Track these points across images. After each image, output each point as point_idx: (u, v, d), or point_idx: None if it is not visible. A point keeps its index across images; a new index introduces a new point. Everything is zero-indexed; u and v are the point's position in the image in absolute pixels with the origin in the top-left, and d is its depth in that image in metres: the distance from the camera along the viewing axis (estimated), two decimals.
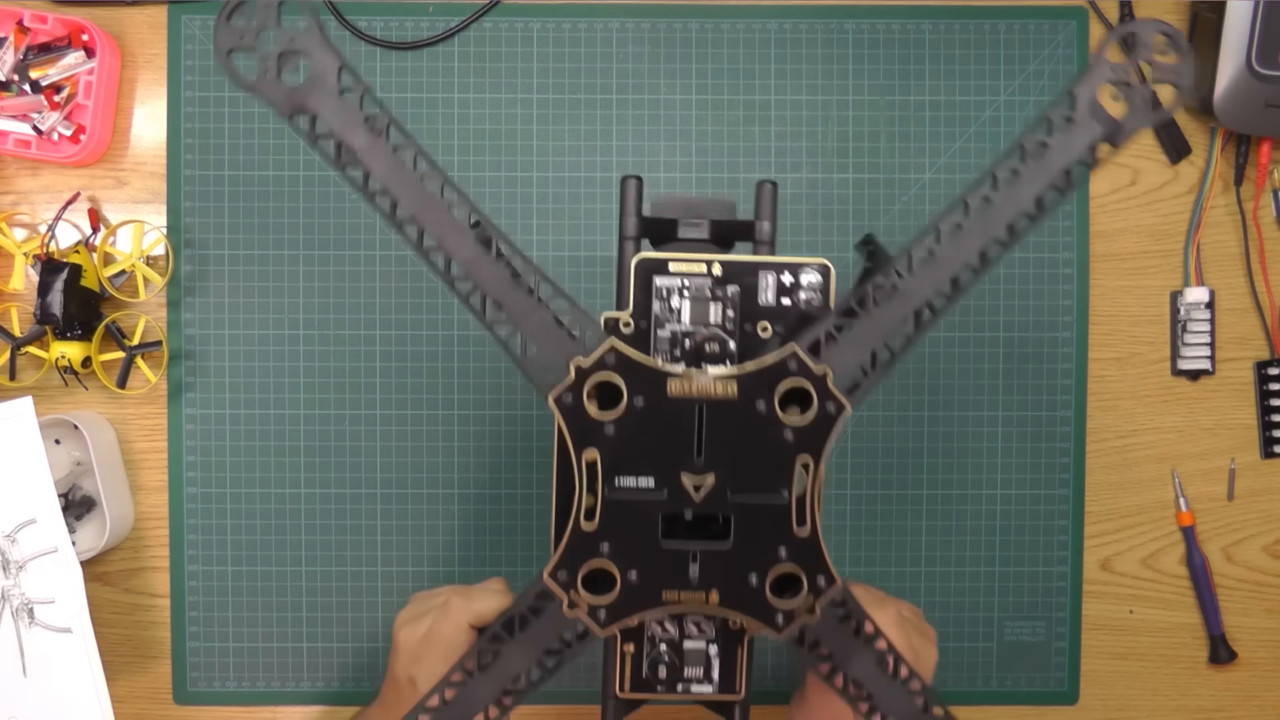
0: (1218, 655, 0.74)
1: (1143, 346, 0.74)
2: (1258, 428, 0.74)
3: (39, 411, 0.67)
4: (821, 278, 0.47)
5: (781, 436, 0.43)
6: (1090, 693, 0.74)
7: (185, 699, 0.73)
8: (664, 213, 0.50)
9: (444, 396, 0.72)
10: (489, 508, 0.73)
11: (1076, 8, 0.73)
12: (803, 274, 0.47)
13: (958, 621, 0.73)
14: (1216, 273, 0.73)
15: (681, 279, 0.47)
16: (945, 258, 0.44)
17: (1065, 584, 0.73)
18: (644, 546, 0.44)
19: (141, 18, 0.73)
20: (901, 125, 0.73)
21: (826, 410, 0.43)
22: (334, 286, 0.73)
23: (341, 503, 0.73)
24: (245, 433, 0.73)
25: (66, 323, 0.68)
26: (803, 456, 0.43)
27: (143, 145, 0.73)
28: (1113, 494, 0.74)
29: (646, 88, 0.73)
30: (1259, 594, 0.74)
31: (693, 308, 0.47)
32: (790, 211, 0.73)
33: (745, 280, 0.47)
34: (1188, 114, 0.73)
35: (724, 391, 0.43)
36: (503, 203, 0.72)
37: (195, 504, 0.73)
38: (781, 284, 0.47)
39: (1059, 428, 0.73)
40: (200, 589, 0.73)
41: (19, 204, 0.73)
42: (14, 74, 0.69)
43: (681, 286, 0.47)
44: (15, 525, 0.66)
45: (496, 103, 0.73)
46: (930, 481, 0.73)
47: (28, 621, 0.66)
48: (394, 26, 0.72)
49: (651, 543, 0.44)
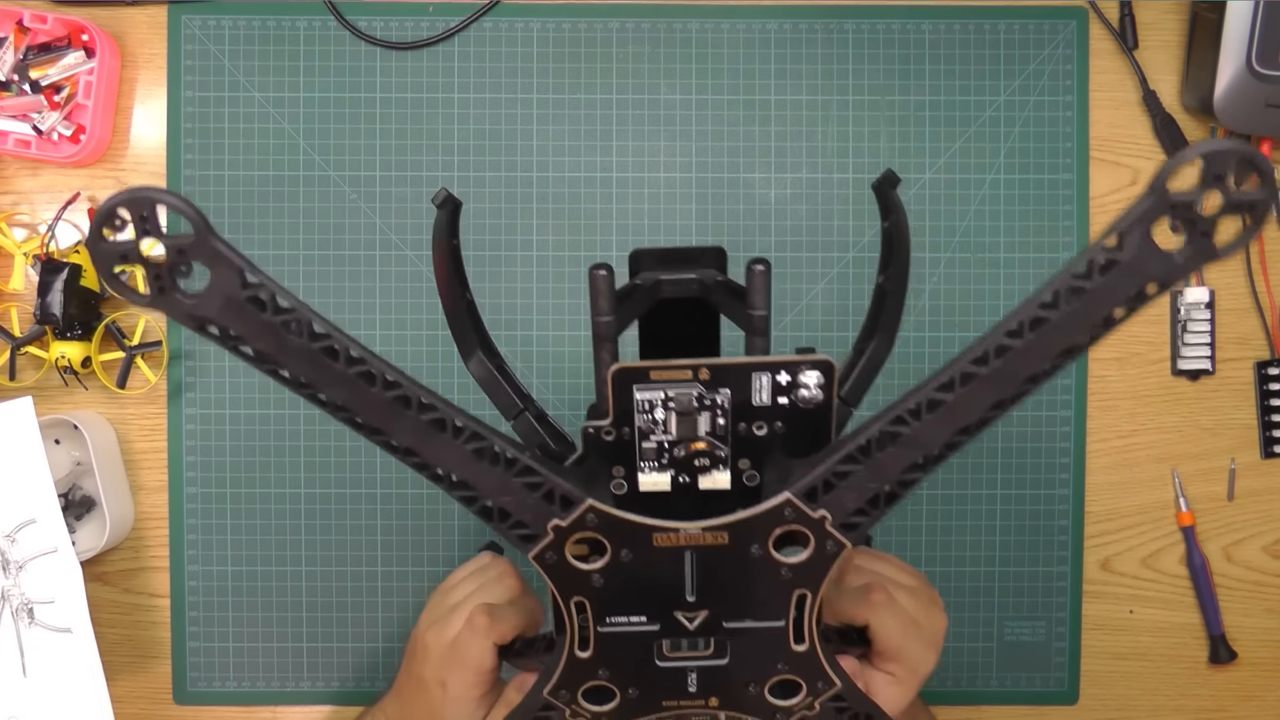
0: (1218, 655, 0.74)
1: (1143, 346, 0.74)
2: (1258, 428, 0.74)
3: (39, 411, 0.67)
4: (823, 376, 0.43)
5: (777, 574, 0.42)
6: (1090, 693, 0.74)
7: (185, 699, 0.73)
8: (645, 269, 0.47)
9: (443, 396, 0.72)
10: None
11: (1076, 8, 0.73)
12: (801, 374, 0.43)
13: (958, 621, 0.73)
14: (1216, 273, 0.73)
15: (664, 389, 0.43)
16: (958, 408, 0.40)
17: (1065, 584, 0.73)
18: (642, 667, 0.44)
19: (141, 18, 0.73)
20: (901, 125, 0.73)
21: (824, 549, 0.41)
22: (334, 286, 0.73)
23: (341, 503, 0.73)
24: (245, 433, 0.73)
25: (66, 323, 0.68)
26: (799, 590, 0.42)
27: (143, 145, 0.73)
28: (1113, 494, 0.74)
29: (646, 88, 0.73)
30: (1259, 594, 0.74)
31: (679, 422, 0.43)
32: (790, 212, 0.73)
33: (737, 383, 0.43)
34: (1188, 114, 0.73)
35: (714, 540, 0.41)
36: (503, 203, 0.72)
37: (195, 504, 0.73)
38: (778, 384, 0.43)
39: (1059, 428, 0.73)
40: (200, 589, 0.73)
41: (19, 204, 0.73)
42: (14, 74, 0.69)
43: (665, 399, 0.43)
44: (15, 525, 0.66)
45: (496, 103, 0.73)
46: (930, 481, 0.73)
47: (28, 621, 0.65)
48: (394, 26, 0.72)
49: (647, 664, 0.43)
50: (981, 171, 0.73)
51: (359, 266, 0.73)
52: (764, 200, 0.73)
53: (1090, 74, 0.73)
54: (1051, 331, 0.38)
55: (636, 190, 0.73)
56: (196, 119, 0.72)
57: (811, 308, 0.73)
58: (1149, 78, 0.73)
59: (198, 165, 0.72)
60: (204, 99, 0.72)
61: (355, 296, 0.73)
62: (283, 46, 0.72)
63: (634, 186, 0.73)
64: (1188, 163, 0.34)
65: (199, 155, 0.72)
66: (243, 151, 0.72)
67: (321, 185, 0.72)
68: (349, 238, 0.72)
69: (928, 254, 0.73)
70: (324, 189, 0.72)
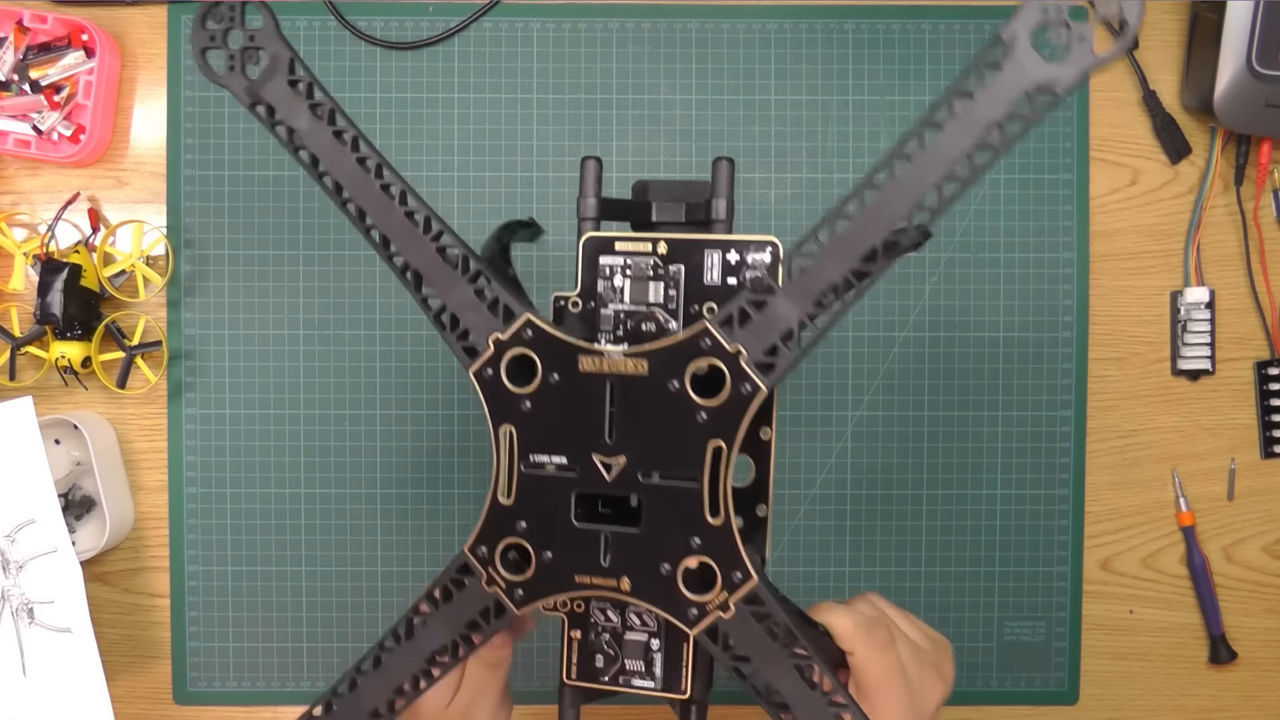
0: (1218, 655, 0.74)
1: (1143, 346, 0.74)
2: (1258, 428, 0.74)
3: (39, 411, 0.67)
4: (770, 256, 0.45)
5: (693, 418, 0.42)
6: (1090, 693, 0.74)
7: (185, 699, 0.73)
8: (639, 195, 0.49)
9: (444, 396, 0.72)
10: None
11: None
12: (750, 252, 0.45)
13: (958, 621, 0.73)
14: (1216, 273, 0.73)
15: (625, 258, 0.46)
16: (860, 232, 0.40)
17: (1065, 584, 0.73)
18: (558, 526, 0.43)
19: (141, 18, 0.73)
20: (902, 125, 0.73)
21: (740, 391, 0.41)
22: (334, 286, 0.73)
23: (341, 503, 0.73)
24: (245, 433, 0.73)
25: (66, 323, 0.68)
26: (715, 440, 0.42)
27: (143, 145, 0.73)
28: (1113, 494, 0.74)
29: (646, 88, 0.73)
30: (1259, 594, 0.74)
31: (633, 287, 0.46)
32: (790, 211, 0.73)
33: (691, 259, 0.45)
34: (1188, 114, 0.73)
35: (634, 369, 0.42)
36: (503, 203, 0.72)
37: (195, 504, 0.73)
38: (728, 263, 0.45)
39: (1059, 428, 0.73)
40: (200, 589, 0.73)
41: (19, 204, 0.73)
42: (14, 74, 0.69)
43: (624, 265, 0.46)
44: (15, 525, 0.66)
45: (496, 103, 0.73)
46: (930, 481, 0.73)
47: (28, 621, 0.65)
48: (394, 26, 0.72)
49: (565, 523, 0.43)
50: None
51: (359, 266, 0.73)
52: (764, 200, 0.73)
53: (1090, 74, 0.73)
54: (943, 142, 0.38)
55: None
56: (196, 119, 0.72)
57: None
58: (1149, 78, 0.73)
59: (198, 165, 0.72)
60: (204, 99, 0.72)
61: (355, 296, 0.73)
62: None
63: None
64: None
65: (199, 155, 0.72)
66: (243, 151, 0.72)
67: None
68: (349, 238, 0.72)
69: (928, 254, 0.73)
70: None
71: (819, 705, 0.42)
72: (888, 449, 0.73)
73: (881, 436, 0.73)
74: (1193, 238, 0.73)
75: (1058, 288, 0.73)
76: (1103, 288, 0.73)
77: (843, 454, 0.73)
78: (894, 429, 0.73)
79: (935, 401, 0.73)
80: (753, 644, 0.42)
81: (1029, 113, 0.38)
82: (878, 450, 0.73)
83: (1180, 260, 0.73)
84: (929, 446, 0.73)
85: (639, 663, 0.46)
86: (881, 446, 0.73)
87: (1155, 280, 0.73)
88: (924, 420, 0.73)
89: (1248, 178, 0.73)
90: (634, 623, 0.47)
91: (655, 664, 0.46)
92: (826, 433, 0.73)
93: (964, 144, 0.38)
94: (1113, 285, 0.73)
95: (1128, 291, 0.73)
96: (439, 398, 0.72)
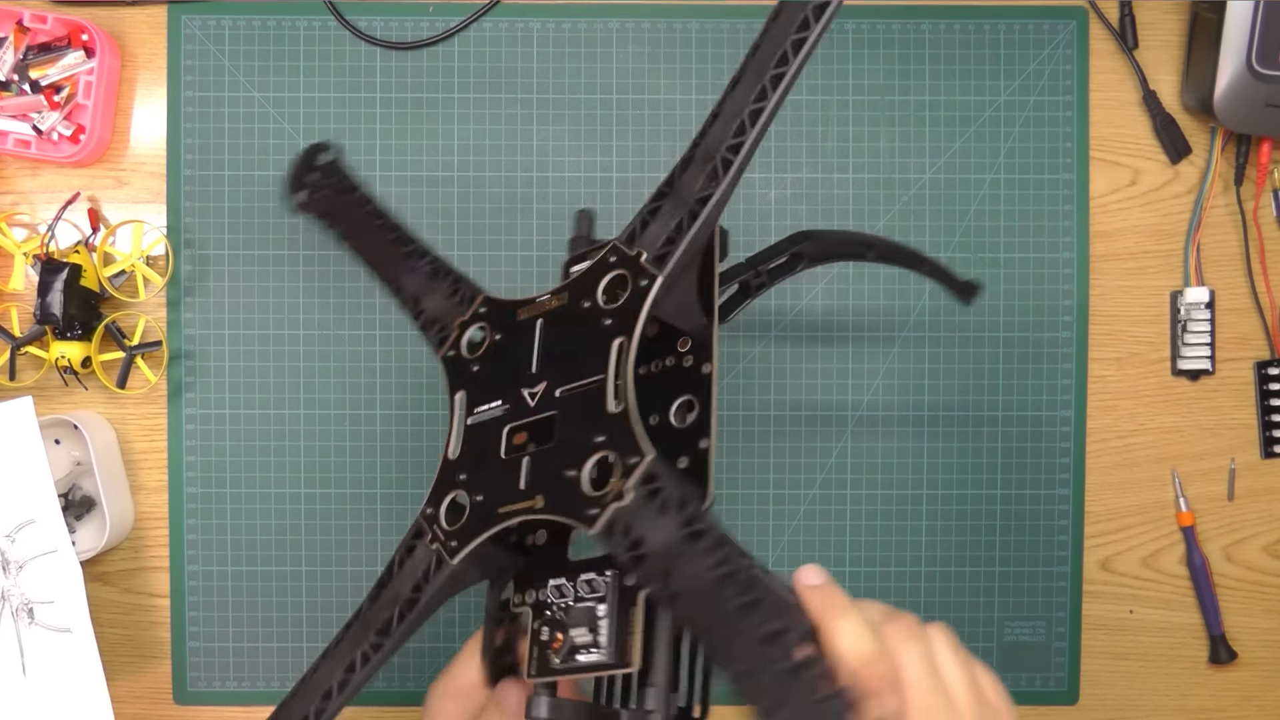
0: (1218, 655, 0.74)
1: (1143, 346, 0.74)
2: (1258, 428, 0.74)
3: (39, 411, 0.67)
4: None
5: (601, 326, 0.44)
6: (1090, 693, 0.74)
7: (185, 699, 0.73)
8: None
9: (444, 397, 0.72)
10: None
11: (1076, 8, 0.73)
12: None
13: (958, 621, 0.73)
14: (1216, 273, 0.73)
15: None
16: (728, 112, 0.43)
17: (1065, 584, 0.73)
18: (489, 465, 0.45)
19: (141, 18, 0.73)
20: (901, 125, 0.73)
21: (638, 286, 0.44)
22: (334, 286, 0.73)
23: (341, 503, 0.73)
24: (245, 433, 0.73)
25: (66, 323, 0.68)
26: (618, 337, 0.43)
27: (143, 145, 0.73)
28: (1113, 494, 0.74)
29: (646, 88, 0.73)
30: (1259, 594, 0.74)
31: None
32: (790, 211, 0.73)
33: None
34: (1188, 114, 0.73)
35: (557, 303, 0.46)
36: (503, 203, 0.72)
37: (195, 504, 0.73)
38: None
39: (1059, 428, 0.73)
40: (200, 589, 0.73)
41: (19, 204, 0.73)
42: (14, 74, 0.69)
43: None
44: (15, 525, 0.66)
45: (496, 103, 0.73)
46: (930, 481, 0.73)
47: (28, 621, 0.65)
48: (394, 26, 0.72)
49: (495, 460, 0.45)
50: (981, 171, 0.73)
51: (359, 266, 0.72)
52: (764, 200, 0.73)
53: (1090, 74, 0.73)
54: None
55: (636, 190, 0.73)
56: (196, 119, 0.72)
57: (811, 308, 0.73)
58: (1149, 78, 0.73)
59: (198, 165, 0.72)
60: (204, 99, 0.72)
61: (355, 296, 0.73)
62: (283, 46, 0.72)
63: (634, 186, 0.73)
64: None
65: (199, 155, 0.72)
66: (243, 151, 0.72)
67: None
68: None
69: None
70: None
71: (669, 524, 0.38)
72: (888, 449, 0.73)
73: (881, 437, 0.73)
74: (1193, 238, 0.73)
75: (1058, 288, 0.73)
76: (1103, 288, 0.73)
77: (843, 454, 0.73)
78: (894, 429, 0.73)
79: (935, 401, 0.73)
80: (649, 523, 0.38)
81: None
82: (878, 450, 0.73)
83: (1180, 260, 0.73)
84: (929, 446, 0.73)
85: (585, 632, 0.42)
86: (881, 446, 0.73)
87: (1155, 280, 0.74)
88: (924, 420, 0.73)
89: (1248, 178, 0.73)
90: (583, 591, 0.44)
91: (600, 631, 0.42)
92: (826, 433, 0.73)
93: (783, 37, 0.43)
94: (1113, 285, 0.73)
95: (1128, 291, 0.73)
96: (439, 398, 0.72)
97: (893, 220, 0.73)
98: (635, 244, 0.44)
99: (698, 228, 0.43)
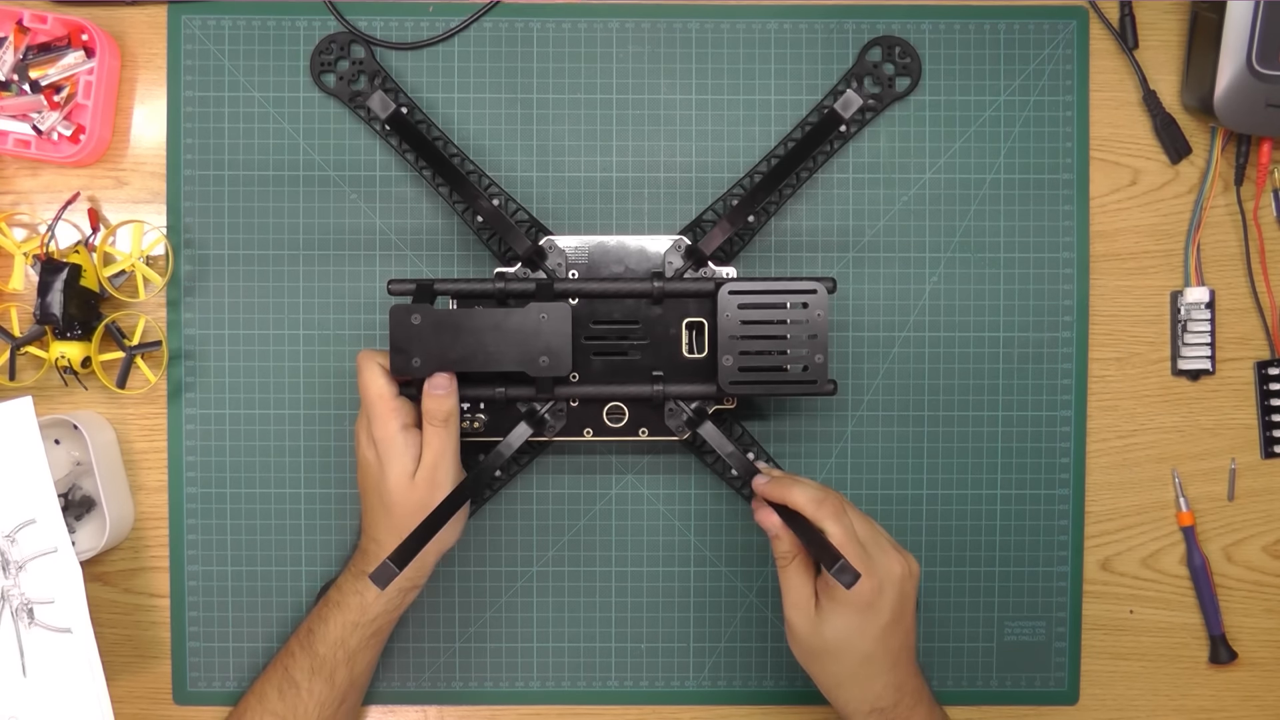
0: (1218, 655, 0.74)
1: (1143, 346, 0.74)
2: (1258, 428, 0.74)
3: (39, 411, 0.67)
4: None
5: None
6: (1090, 693, 0.74)
7: (185, 699, 0.73)
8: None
9: None
10: (488, 507, 0.73)
11: (1076, 8, 0.73)
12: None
13: (958, 621, 0.73)
14: (1216, 273, 0.73)
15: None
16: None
17: (1065, 584, 0.73)
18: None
19: (141, 18, 0.73)
20: (901, 125, 0.73)
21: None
22: (334, 286, 0.73)
23: (342, 503, 0.73)
24: (245, 433, 0.73)
25: (66, 323, 0.68)
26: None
27: (143, 145, 0.73)
28: (1113, 494, 0.74)
29: (646, 88, 0.73)
30: (1259, 594, 0.74)
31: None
32: (790, 211, 0.73)
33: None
34: (1188, 114, 0.73)
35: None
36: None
37: (195, 504, 0.73)
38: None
39: (1059, 428, 0.73)
40: (200, 589, 0.73)
41: (19, 204, 0.73)
42: (14, 74, 0.69)
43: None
44: (15, 525, 0.66)
45: (496, 103, 0.73)
46: (930, 481, 0.73)
47: (28, 621, 0.65)
48: (394, 26, 0.72)
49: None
50: (981, 171, 0.73)
51: (359, 266, 0.73)
52: None
53: (1090, 74, 0.73)
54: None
55: (636, 190, 0.73)
56: (196, 119, 0.72)
57: None
58: (1149, 77, 0.73)
59: (198, 165, 0.72)
60: (204, 99, 0.72)
61: (355, 296, 0.73)
62: (283, 46, 0.72)
63: (634, 186, 0.73)
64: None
65: (199, 155, 0.72)
66: (243, 151, 0.72)
67: (321, 185, 0.72)
68: (349, 238, 0.72)
69: (928, 254, 0.73)
70: (324, 189, 0.72)
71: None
72: (888, 449, 0.73)
73: (881, 436, 0.73)
74: (1193, 238, 0.73)
75: (1058, 288, 0.73)
76: (1103, 288, 0.73)
77: (843, 454, 0.73)
78: (894, 429, 0.73)
79: (935, 401, 0.73)
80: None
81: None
82: (878, 450, 0.73)
83: (1180, 260, 0.73)
84: (929, 446, 0.73)
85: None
86: (881, 446, 0.73)
87: (1155, 280, 0.74)
88: (924, 420, 0.73)
89: (1248, 178, 0.73)
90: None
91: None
92: (826, 433, 0.73)
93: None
94: (1113, 285, 0.73)
95: (1128, 291, 0.73)
96: None
97: (893, 220, 0.73)
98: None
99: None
